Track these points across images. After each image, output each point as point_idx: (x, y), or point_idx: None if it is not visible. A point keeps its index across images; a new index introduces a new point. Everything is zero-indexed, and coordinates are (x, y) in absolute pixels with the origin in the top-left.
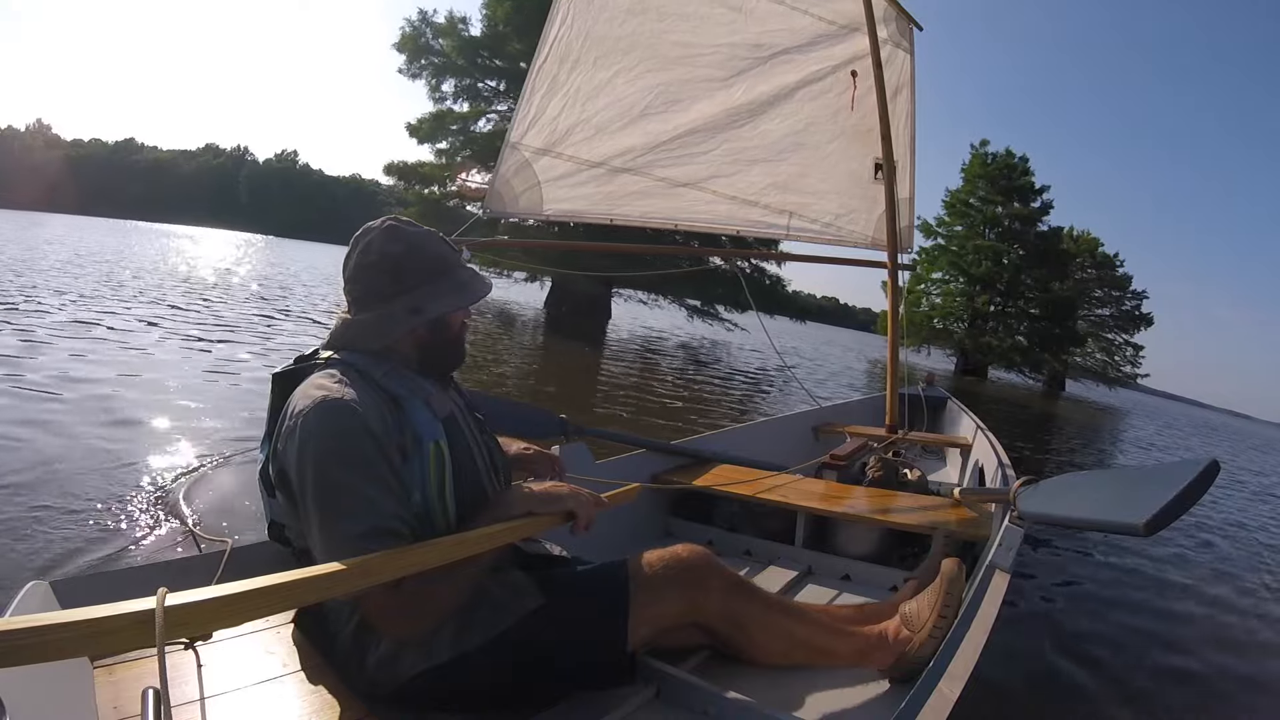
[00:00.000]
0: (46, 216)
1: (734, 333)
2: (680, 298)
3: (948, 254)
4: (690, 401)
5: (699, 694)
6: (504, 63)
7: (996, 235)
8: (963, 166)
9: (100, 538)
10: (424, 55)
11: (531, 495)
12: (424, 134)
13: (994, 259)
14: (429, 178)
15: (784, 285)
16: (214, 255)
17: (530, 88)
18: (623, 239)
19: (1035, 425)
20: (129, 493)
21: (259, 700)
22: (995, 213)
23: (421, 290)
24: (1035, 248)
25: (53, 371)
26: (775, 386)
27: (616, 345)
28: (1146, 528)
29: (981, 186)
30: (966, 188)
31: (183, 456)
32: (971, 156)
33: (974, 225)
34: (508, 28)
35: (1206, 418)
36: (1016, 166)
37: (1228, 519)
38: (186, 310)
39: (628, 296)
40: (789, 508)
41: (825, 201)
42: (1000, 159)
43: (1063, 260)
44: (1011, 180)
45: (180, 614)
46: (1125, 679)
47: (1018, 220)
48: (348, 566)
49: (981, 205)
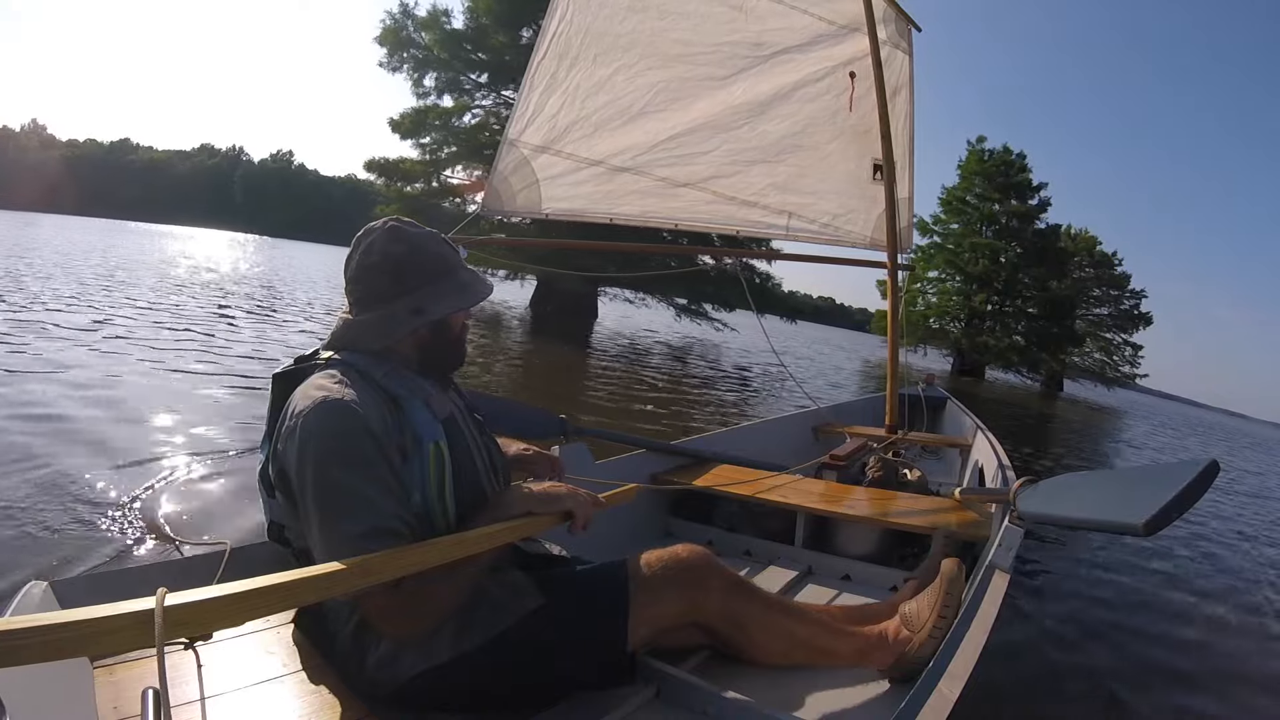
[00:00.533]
0: (40, 217)
1: (723, 332)
2: (669, 296)
3: (944, 252)
4: (677, 404)
5: (699, 694)
6: (487, 55)
7: (994, 233)
8: (959, 163)
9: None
10: (406, 48)
11: (530, 495)
12: (406, 129)
13: (991, 257)
14: (410, 174)
15: (774, 284)
16: (203, 255)
17: (529, 84)
18: (615, 238)
19: (1034, 427)
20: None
21: (259, 700)
22: (992, 210)
23: (424, 291)
24: (1033, 245)
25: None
26: (765, 387)
27: (603, 345)
28: (1146, 528)
29: (978, 184)
30: (963, 185)
31: (113, 459)
32: (968, 153)
33: (971, 223)
34: (490, 20)
35: (1201, 417)
36: (1014, 163)
37: (1228, 518)
38: (154, 309)
39: (614, 295)
40: (789, 508)
41: (824, 202)
42: (997, 155)
43: (1061, 258)
44: (1009, 177)
45: (180, 614)
46: (1125, 679)
47: (1015, 217)
48: (348, 566)
49: (978, 203)
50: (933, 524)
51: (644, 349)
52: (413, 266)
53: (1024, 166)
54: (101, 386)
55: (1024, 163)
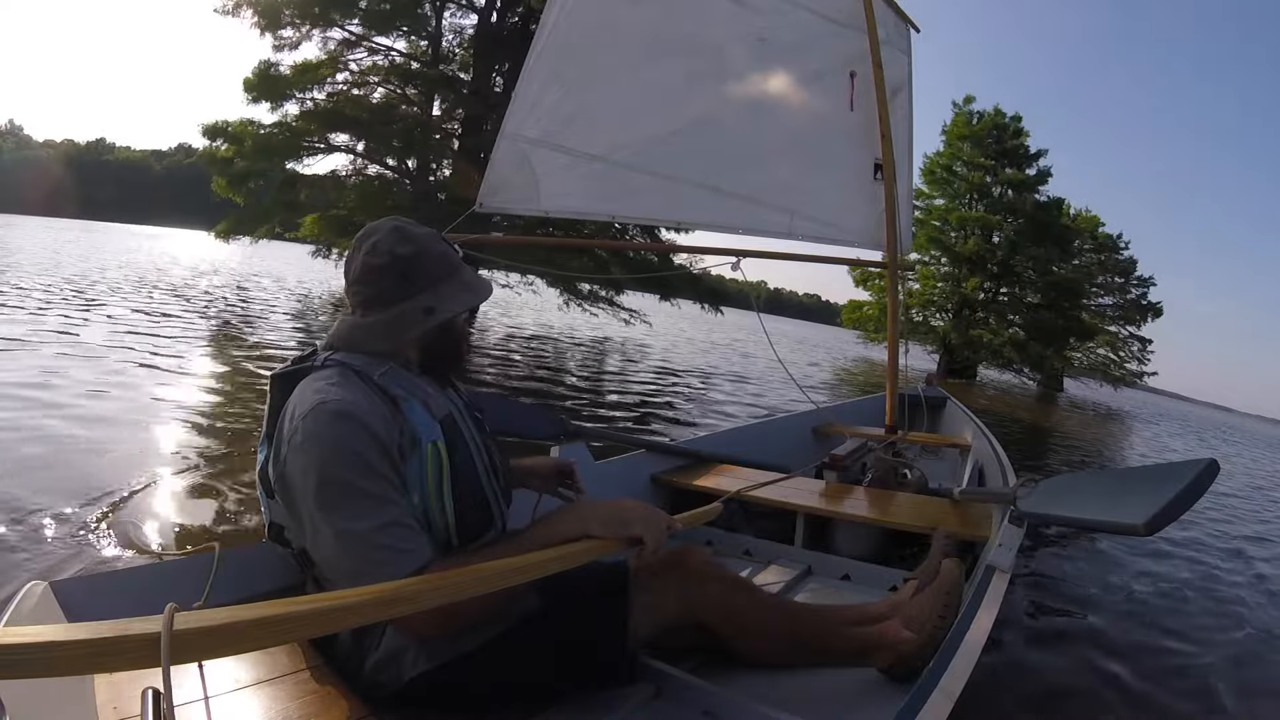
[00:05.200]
0: (15, 219)
1: (634, 325)
2: (563, 282)
3: (927, 229)
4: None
5: (699, 694)
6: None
7: (985, 207)
8: (943, 128)
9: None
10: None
11: (593, 515)
12: (264, 90)
13: (984, 234)
14: (273, 149)
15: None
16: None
17: (526, 76)
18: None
19: (1040, 440)
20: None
21: (259, 700)
22: (983, 179)
23: (432, 291)
24: (1032, 221)
25: None
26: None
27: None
28: (1146, 527)
29: (966, 149)
30: (948, 151)
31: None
32: (954, 116)
33: (958, 195)
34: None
35: (1193, 412)
36: (1007, 126)
37: (1228, 518)
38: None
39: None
40: (789, 508)
41: (825, 201)
42: (988, 118)
43: (1066, 237)
44: (1001, 142)
45: (189, 638)
46: (1125, 679)
47: (1010, 188)
48: (384, 592)
49: (966, 171)
50: (933, 524)
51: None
52: (420, 266)
53: (1019, 130)
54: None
55: (1019, 126)
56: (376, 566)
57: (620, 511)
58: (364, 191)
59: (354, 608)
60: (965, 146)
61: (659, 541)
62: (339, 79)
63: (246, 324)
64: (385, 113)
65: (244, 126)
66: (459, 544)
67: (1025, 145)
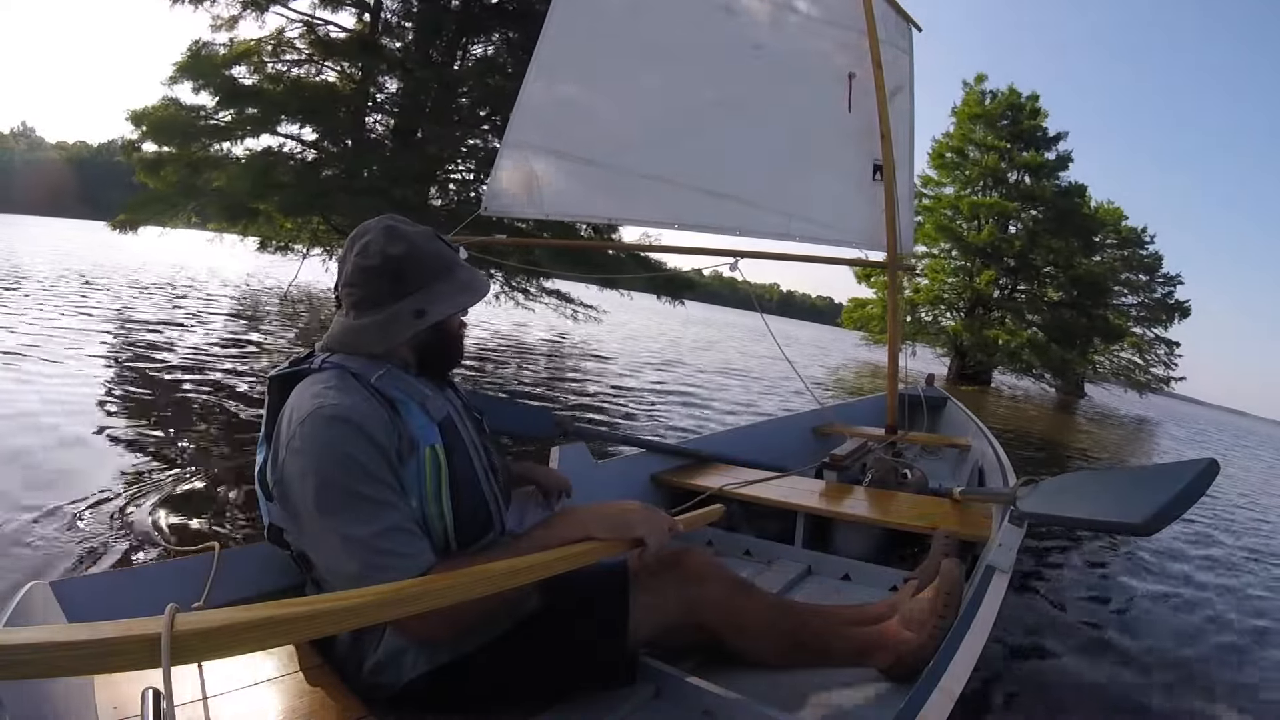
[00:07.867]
0: (17, 218)
1: (583, 322)
2: (511, 276)
3: (935, 217)
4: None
5: (699, 694)
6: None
7: (1000, 193)
8: (954, 109)
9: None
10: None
11: (595, 518)
12: (195, 71)
13: (999, 222)
14: (179, 128)
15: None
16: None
17: (529, 82)
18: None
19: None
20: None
21: (259, 700)
22: (997, 163)
23: (424, 293)
24: (1053, 209)
25: None
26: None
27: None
28: (1146, 527)
29: (979, 131)
30: (959, 133)
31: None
32: (965, 95)
33: (970, 181)
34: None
35: (1198, 415)
36: (1023, 106)
37: (1230, 517)
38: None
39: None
40: (789, 508)
41: (823, 202)
42: (1003, 97)
43: (1090, 228)
44: (1017, 123)
45: (190, 639)
46: (1125, 679)
47: (1028, 172)
48: (385, 594)
49: (979, 155)
50: (933, 524)
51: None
52: (413, 267)
53: (1036, 110)
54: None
55: (1036, 106)
56: (379, 571)
57: (622, 513)
58: (257, 168)
59: (355, 609)
60: (977, 128)
61: (661, 543)
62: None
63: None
64: (309, 89)
65: (162, 110)
66: (458, 547)
67: (1043, 126)
